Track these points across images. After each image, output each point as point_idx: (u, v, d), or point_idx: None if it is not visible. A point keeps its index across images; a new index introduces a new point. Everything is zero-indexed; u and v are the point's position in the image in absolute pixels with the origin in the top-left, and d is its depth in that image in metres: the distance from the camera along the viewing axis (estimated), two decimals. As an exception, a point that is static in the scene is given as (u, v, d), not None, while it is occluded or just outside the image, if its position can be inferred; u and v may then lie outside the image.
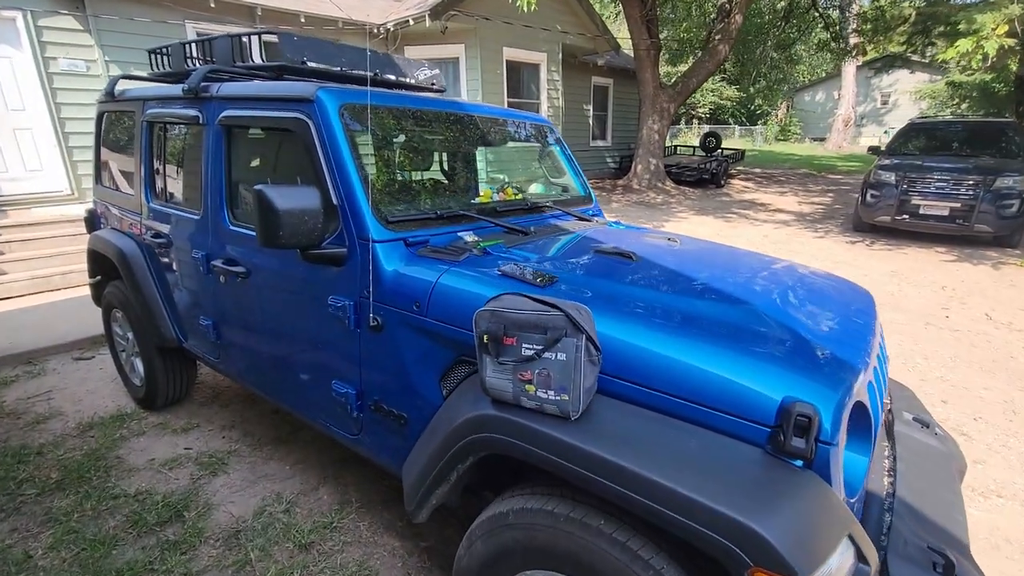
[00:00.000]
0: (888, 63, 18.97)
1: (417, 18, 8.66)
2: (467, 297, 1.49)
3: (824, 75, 31.45)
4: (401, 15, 9.00)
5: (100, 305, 3.27)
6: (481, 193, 2.22)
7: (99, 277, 3.26)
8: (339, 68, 2.37)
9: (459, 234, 1.88)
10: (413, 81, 2.74)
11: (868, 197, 7.90)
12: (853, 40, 15.13)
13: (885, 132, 29.18)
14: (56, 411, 3.15)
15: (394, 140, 2.01)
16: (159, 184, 2.63)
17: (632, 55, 12.42)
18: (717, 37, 11.91)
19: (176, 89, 2.38)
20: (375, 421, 1.81)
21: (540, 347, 1.15)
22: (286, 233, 1.56)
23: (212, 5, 7.23)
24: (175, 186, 2.54)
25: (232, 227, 2.15)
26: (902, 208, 7.50)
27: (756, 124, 33.19)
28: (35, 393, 3.37)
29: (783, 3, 15.60)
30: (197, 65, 2.53)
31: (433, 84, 2.88)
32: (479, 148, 2.59)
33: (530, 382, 1.17)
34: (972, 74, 20.07)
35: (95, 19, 6.52)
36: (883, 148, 8.87)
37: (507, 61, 10.24)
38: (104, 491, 2.41)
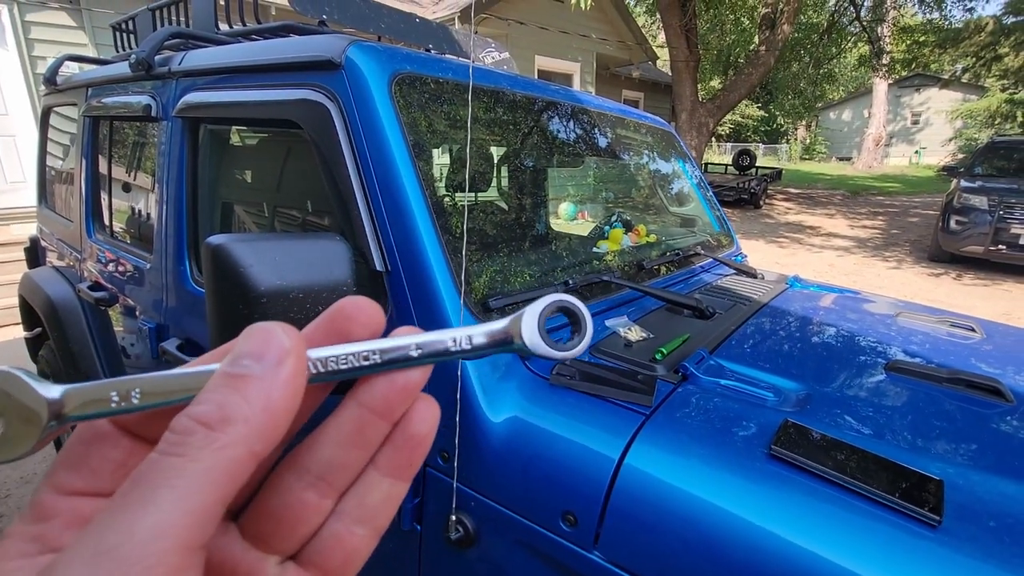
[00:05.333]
0: (922, 80, 18.02)
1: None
2: (729, 542, 0.60)
3: (848, 93, 30.56)
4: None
5: (38, 366, 2.42)
6: (607, 235, 1.35)
7: (39, 330, 2.42)
8: (376, 36, 1.53)
9: (607, 323, 0.99)
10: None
11: (952, 224, 6.94)
12: (895, 55, 14.28)
13: (916, 152, 28.15)
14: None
15: (488, 151, 1.14)
16: (105, 210, 1.78)
17: (665, 68, 11.65)
18: (762, 48, 11.09)
19: (125, 67, 1.54)
20: None
21: None
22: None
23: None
24: (123, 215, 1.69)
25: (196, 288, 1.28)
26: (998, 237, 6.53)
27: (778, 143, 32.24)
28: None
29: (824, 17, 14.77)
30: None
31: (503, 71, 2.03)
32: (591, 163, 1.72)
33: None
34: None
35: (89, 13, 5.80)
36: (961, 168, 7.93)
37: (539, 70, 9.47)
38: None
